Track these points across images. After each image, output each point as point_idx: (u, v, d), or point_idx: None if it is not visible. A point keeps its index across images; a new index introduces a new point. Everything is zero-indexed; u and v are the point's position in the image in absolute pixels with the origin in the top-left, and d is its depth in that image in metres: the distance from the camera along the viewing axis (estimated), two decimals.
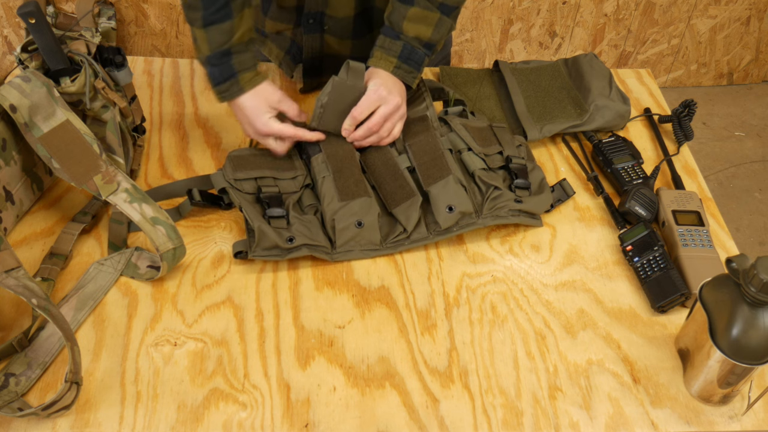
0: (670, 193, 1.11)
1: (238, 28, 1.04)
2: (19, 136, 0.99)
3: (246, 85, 1.07)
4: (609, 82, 1.26)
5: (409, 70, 1.11)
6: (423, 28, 1.09)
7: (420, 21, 1.09)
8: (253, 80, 1.08)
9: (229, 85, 1.07)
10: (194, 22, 1.04)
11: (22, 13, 0.92)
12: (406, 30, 1.09)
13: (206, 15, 1.03)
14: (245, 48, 1.07)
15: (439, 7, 1.09)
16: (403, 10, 1.09)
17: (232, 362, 0.92)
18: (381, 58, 1.10)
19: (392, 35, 1.10)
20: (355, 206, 1.04)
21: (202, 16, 1.03)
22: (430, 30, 1.10)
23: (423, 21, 1.09)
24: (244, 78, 1.07)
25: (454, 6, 1.10)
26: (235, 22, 1.04)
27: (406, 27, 1.09)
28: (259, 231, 0.99)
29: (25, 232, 1.05)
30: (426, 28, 1.09)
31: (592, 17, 2.44)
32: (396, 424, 0.88)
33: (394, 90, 1.09)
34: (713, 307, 0.86)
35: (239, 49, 1.06)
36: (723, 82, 2.74)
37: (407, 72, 1.11)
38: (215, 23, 1.03)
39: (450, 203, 1.05)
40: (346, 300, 1.00)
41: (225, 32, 1.04)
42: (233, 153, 1.10)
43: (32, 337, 0.92)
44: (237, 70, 1.06)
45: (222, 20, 1.03)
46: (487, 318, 0.99)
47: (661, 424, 0.90)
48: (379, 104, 1.08)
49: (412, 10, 1.08)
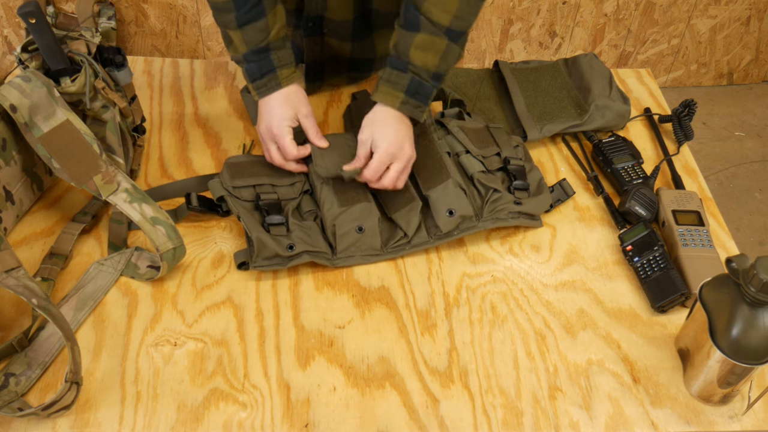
0: (670, 193, 1.11)
1: (273, 24, 1.04)
2: (19, 136, 0.99)
3: (284, 81, 1.06)
4: (609, 82, 1.26)
5: (416, 104, 1.06)
6: (430, 57, 1.03)
7: (427, 48, 1.03)
8: (291, 77, 1.07)
9: (267, 80, 1.06)
10: (228, 24, 1.04)
11: (22, 13, 0.92)
12: (413, 58, 1.03)
13: (240, 15, 1.02)
14: (282, 44, 1.07)
15: (446, 33, 1.02)
16: (410, 38, 1.02)
17: (232, 362, 0.92)
18: (387, 93, 1.05)
19: (399, 66, 1.04)
20: (355, 212, 1.04)
21: (235, 17, 1.02)
22: (437, 58, 1.03)
23: (430, 48, 1.02)
24: (282, 74, 1.06)
25: (461, 31, 1.03)
26: (269, 18, 1.03)
27: (413, 55, 1.03)
28: (258, 242, 0.99)
29: (25, 232, 1.05)
30: (433, 57, 1.03)
31: (592, 17, 2.44)
32: (396, 424, 0.88)
33: (405, 142, 1.04)
34: (713, 307, 0.86)
35: (277, 45, 1.06)
36: (723, 82, 2.74)
37: (415, 107, 1.06)
38: (250, 22, 1.03)
39: (450, 207, 1.04)
40: (346, 300, 1.00)
41: (261, 30, 1.04)
42: (230, 160, 1.09)
43: (32, 337, 0.92)
44: (276, 65, 1.06)
45: (256, 18, 1.03)
46: (487, 318, 0.99)
47: (661, 424, 0.90)
48: (391, 162, 1.04)
49: (418, 37, 1.02)
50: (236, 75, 1.33)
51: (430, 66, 1.04)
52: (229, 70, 1.34)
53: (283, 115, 1.06)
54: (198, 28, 2.33)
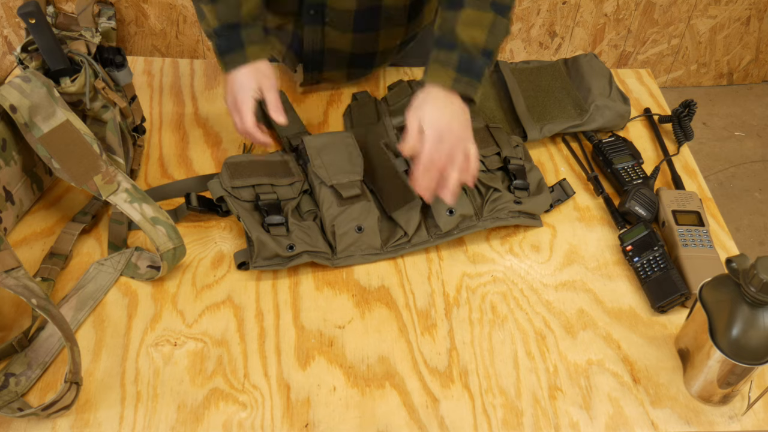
0: (670, 193, 1.11)
1: (244, 3, 1.07)
2: (19, 136, 0.99)
3: (251, 57, 1.08)
4: (609, 82, 1.26)
5: (469, 81, 1.00)
6: (477, 32, 1.00)
7: (474, 24, 1.00)
8: (258, 54, 1.09)
9: (235, 55, 1.08)
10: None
11: (22, 13, 0.92)
12: (460, 35, 1.00)
13: None
14: (253, 23, 1.09)
15: (491, 5, 1.00)
16: (455, 16, 1.00)
17: (232, 362, 0.92)
18: (437, 72, 1.00)
19: (446, 45, 1.01)
20: (354, 211, 1.04)
21: None
22: (485, 33, 1.00)
23: (477, 24, 1.00)
24: (250, 50, 1.08)
25: (506, 4, 1.01)
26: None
27: (460, 32, 1.00)
28: (258, 242, 0.99)
29: (25, 232, 1.05)
30: (480, 32, 1.00)
31: (592, 17, 2.44)
32: (396, 424, 0.88)
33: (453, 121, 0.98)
34: (713, 307, 0.86)
35: (247, 23, 1.08)
36: (723, 82, 2.74)
37: (467, 84, 1.00)
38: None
39: (450, 206, 1.04)
40: (346, 300, 1.00)
41: (232, 6, 1.07)
42: (230, 160, 1.08)
43: (32, 337, 0.92)
44: (245, 42, 1.08)
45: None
46: (487, 318, 0.99)
47: (661, 424, 0.90)
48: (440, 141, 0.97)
49: (464, 13, 1.00)
50: None
51: (479, 42, 1.00)
52: None
53: (247, 86, 1.08)
54: (198, 28, 2.33)
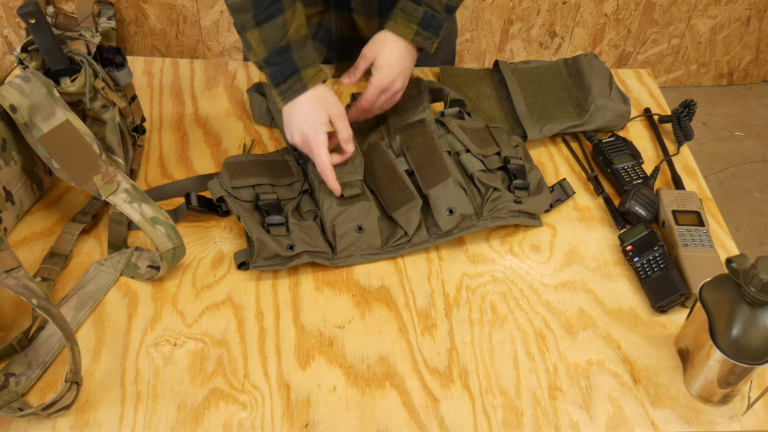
0: (670, 193, 1.11)
1: (291, 21, 1.00)
2: (19, 136, 0.99)
3: (309, 81, 1.02)
4: (609, 82, 1.26)
5: (428, 36, 1.10)
6: None
7: None
8: (317, 76, 1.03)
9: (292, 83, 1.01)
10: (245, 24, 1.01)
11: (22, 13, 0.92)
12: None
13: (257, 14, 0.99)
14: (304, 43, 1.02)
15: None
16: None
17: (232, 362, 0.92)
18: (400, 23, 1.08)
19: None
20: (354, 211, 1.04)
21: (253, 16, 1.00)
22: None
23: None
24: (307, 74, 1.02)
25: None
26: (287, 15, 1.00)
27: None
28: (258, 242, 0.99)
29: (25, 232, 1.05)
30: None
31: (592, 17, 2.44)
32: (396, 424, 0.88)
33: (402, 75, 1.10)
34: (713, 307, 0.86)
35: (298, 43, 1.01)
36: (723, 82, 2.74)
37: (426, 38, 1.10)
38: (268, 20, 0.99)
39: (450, 206, 1.04)
40: (346, 300, 1.00)
41: (279, 28, 1.00)
42: (229, 160, 1.08)
43: (32, 337, 0.92)
44: (299, 66, 1.01)
45: (274, 16, 0.99)
46: (487, 318, 0.99)
47: (661, 424, 0.90)
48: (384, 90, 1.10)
49: None
50: (236, 75, 1.33)
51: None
52: (228, 70, 1.34)
53: (318, 121, 1.02)
54: (198, 28, 2.33)
